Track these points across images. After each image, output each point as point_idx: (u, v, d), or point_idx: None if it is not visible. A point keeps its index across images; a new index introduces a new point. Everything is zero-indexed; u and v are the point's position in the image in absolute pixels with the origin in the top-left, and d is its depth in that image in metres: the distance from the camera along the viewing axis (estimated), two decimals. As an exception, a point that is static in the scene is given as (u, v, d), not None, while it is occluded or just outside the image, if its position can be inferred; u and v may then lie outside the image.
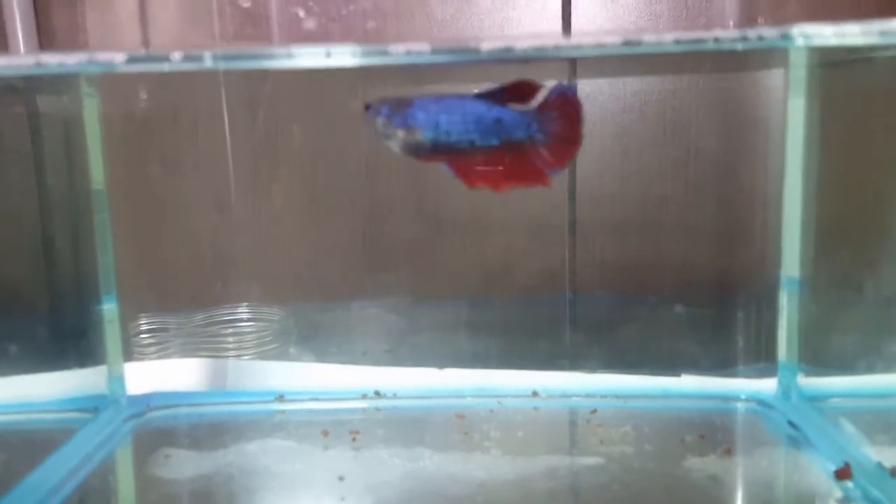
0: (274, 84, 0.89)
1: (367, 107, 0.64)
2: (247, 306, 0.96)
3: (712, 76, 0.88)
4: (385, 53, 0.49)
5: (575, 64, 0.85)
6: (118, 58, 0.48)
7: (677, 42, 0.48)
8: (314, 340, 0.96)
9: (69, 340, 0.86)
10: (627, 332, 0.92)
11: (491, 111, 0.64)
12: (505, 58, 0.53)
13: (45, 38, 0.84)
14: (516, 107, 0.64)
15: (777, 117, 0.83)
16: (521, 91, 0.64)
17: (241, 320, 0.96)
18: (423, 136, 0.63)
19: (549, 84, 0.64)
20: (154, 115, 0.91)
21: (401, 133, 0.63)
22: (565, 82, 0.65)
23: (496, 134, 0.64)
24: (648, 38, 0.48)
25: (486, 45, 0.48)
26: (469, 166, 0.64)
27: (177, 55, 0.48)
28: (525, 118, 0.64)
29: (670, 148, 0.88)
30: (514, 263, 0.93)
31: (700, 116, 0.88)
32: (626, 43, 0.48)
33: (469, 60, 0.54)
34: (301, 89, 0.89)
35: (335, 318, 0.95)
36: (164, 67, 0.48)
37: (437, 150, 0.64)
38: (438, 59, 0.51)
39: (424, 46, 0.49)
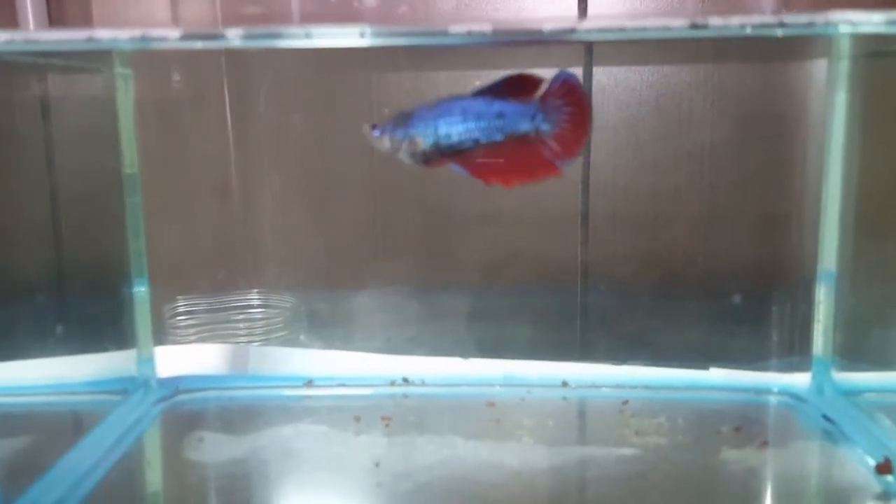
0: (292, 72, 0.89)
1: (373, 126, 0.65)
2: (271, 292, 0.95)
3: (746, 66, 0.87)
4: (445, 34, 0.48)
5: (591, 51, 0.84)
6: (172, 34, 0.47)
7: (742, 27, 0.47)
8: (338, 327, 0.96)
9: (100, 323, 0.86)
10: (654, 324, 0.91)
11: (491, 106, 0.63)
12: (564, 39, 0.53)
13: (54, 15, 0.84)
14: (518, 99, 0.63)
15: (816, 109, 0.82)
16: (522, 84, 0.63)
17: (267, 306, 0.96)
18: (426, 143, 0.63)
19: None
20: (184, 98, 0.91)
21: (405, 146, 0.64)
22: (567, 70, 0.62)
23: (500, 129, 0.63)
24: (715, 21, 0.47)
25: (549, 26, 0.48)
26: (479, 164, 0.64)
27: (233, 32, 0.47)
28: (528, 109, 0.63)
29: (701, 140, 0.88)
30: (538, 252, 0.92)
31: (733, 108, 0.87)
32: (693, 26, 0.47)
33: (526, 41, 0.53)
34: (318, 78, 0.89)
35: (356, 305, 0.95)
36: (221, 45, 0.48)
37: (444, 154, 0.64)
38: (498, 39, 0.50)
39: (486, 27, 0.48)
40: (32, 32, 0.49)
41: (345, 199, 0.93)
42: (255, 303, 0.96)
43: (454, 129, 0.63)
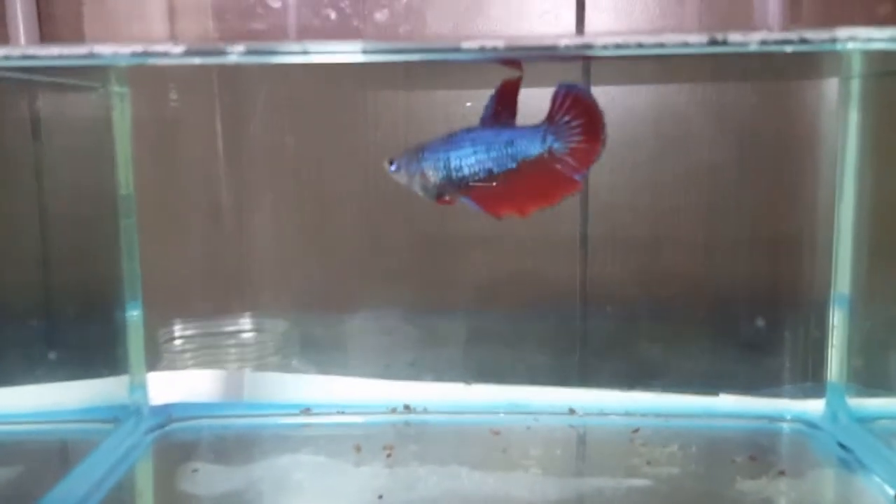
0: (286, 92, 0.87)
1: (391, 161, 0.65)
2: (266, 316, 0.93)
3: (748, 85, 0.85)
4: (458, 50, 0.46)
5: (589, 70, 0.83)
6: (174, 49, 0.45)
7: (763, 43, 0.46)
8: (335, 352, 0.93)
9: (92, 349, 0.83)
10: (661, 349, 0.89)
11: (500, 135, 0.62)
12: (579, 55, 0.51)
13: (45, 27, 0.81)
14: (526, 124, 0.62)
15: (827, 129, 0.80)
16: (506, 92, 0.62)
17: (262, 330, 0.93)
18: (437, 177, 0.63)
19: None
20: (180, 118, 0.88)
21: (418, 179, 0.64)
22: (567, 82, 0.61)
23: (511, 157, 0.62)
24: (735, 37, 0.46)
25: (565, 41, 0.46)
26: (491, 196, 0.62)
27: (239, 48, 0.45)
28: (538, 132, 0.61)
29: (706, 160, 0.86)
30: (538, 274, 0.90)
31: (737, 128, 0.85)
32: (712, 42, 0.45)
33: (539, 56, 0.52)
34: (313, 98, 0.87)
35: (353, 329, 0.93)
36: (223, 61, 0.45)
37: (457, 186, 0.63)
38: (511, 55, 0.48)
39: (499, 42, 0.46)
40: (30, 48, 0.46)
41: (341, 221, 0.91)
42: (249, 327, 0.93)
43: (465, 162, 0.62)
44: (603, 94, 0.84)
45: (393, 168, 0.65)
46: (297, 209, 0.91)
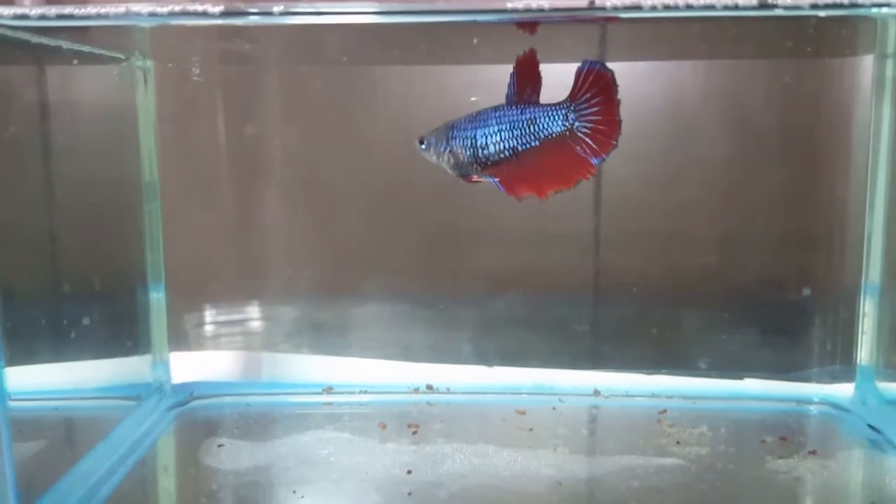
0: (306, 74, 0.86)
1: (420, 140, 0.66)
2: (285, 300, 0.92)
3: (771, 68, 0.84)
4: (504, 11, 0.45)
5: (605, 43, 0.81)
6: (213, 9, 0.44)
7: (813, 6, 0.45)
8: (355, 335, 0.93)
9: (115, 328, 0.82)
10: (686, 333, 0.88)
11: (523, 113, 0.62)
12: (627, 17, 0.50)
13: None
14: (548, 103, 0.62)
15: (860, 116, 0.79)
16: (524, 67, 0.61)
17: (282, 312, 0.93)
18: (465, 155, 0.63)
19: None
20: (202, 98, 0.87)
21: (448, 157, 0.64)
22: (590, 59, 0.60)
23: (534, 135, 0.62)
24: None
25: (611, 2, 0.45)
26: (512, 177, 0.63)
27: (277, 7, 0.44)
28: (560, 111, 0.61)
29: (731, 149, 0.85)
30: (567, 259, 0.89)
31: (758, 116, 0.84)
32: (762, 5, 0.44)
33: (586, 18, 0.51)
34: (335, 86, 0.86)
35: (371, 314, 0.92)
36: (266, 21, 0.45)
37: (484, 164, 0.63)
38: (555, 16, 0.47)
39: (545, 2, 0.45)
40: (67, 7, 0.46)
41: (359, 210, 0.89)
42: (270, 310, 0.92)
43: (490, 140, 0.62)
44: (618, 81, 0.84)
45: (423, 147, 0.66)
46: (315, 195, 0.90)
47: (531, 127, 0.62)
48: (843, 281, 0.82)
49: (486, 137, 0.62)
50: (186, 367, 0.88)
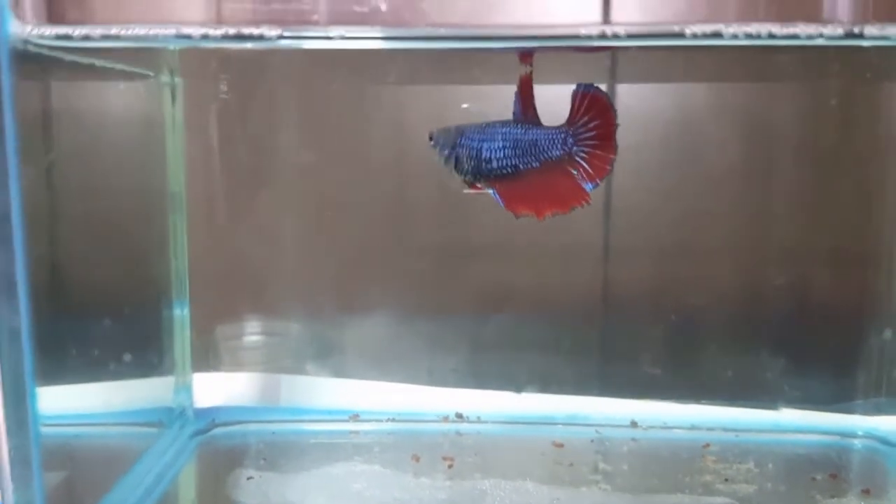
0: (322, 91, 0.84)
1: (430, 135, 0.66)
2: (304, 320, 0.89)
3: (782, 85, 0.81)
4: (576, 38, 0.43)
5: (615, 67, 0.79)
6: (270, 32, 0.42)
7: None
8: (376, 356, 0.90)
9: (137, 348, 0.79)
10: (723, 360, 0.85)
11: (527, 134, 0.62)
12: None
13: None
14: (549, 126, 0.62)
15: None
16: (523, 89, 0.61)
17: (303, 331, 0.90)
18: (469, 165, 0.63)
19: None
20: (228, 114, 0.85)
21: (452, 163, 0.64)
22: (584, 83, 0.60)
23: (535, 156, 0.62)
24: (870, 30, 0.42)
25: (695, 28, 0.43)
26: (512, 193, 0.63)
27: (335, 31, 0.42)
28: (559, 135, 0.61)
29: (771, 164, 0.83)
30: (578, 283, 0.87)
31: (783, 133, 0.82)
32: (849, 35, 0.42)
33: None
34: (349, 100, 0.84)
35: (391, 333, 0.89)
36: (323, 45, 0.42)
37: (486, 177, 0.63)
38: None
39: (620, 29, 0.43)
40: (111, 27, 0.43)
41: (373, 228, 0.87)
42: (290, 330, 0.90)
43: (494, 155, 0.62)
44: (628, 95, 0.82)
45: (432, 144, 0.66)
46: (339, 213, 0.87)
47: (533, 148, 0.62)
48: (884, 306, 0.80)
49: (491, 152, 0.62)
50: (208, 389, 0.85)
